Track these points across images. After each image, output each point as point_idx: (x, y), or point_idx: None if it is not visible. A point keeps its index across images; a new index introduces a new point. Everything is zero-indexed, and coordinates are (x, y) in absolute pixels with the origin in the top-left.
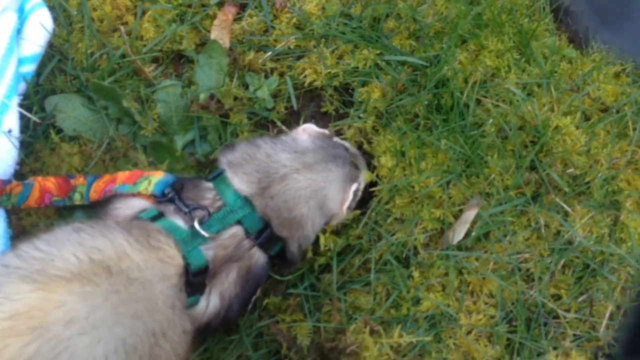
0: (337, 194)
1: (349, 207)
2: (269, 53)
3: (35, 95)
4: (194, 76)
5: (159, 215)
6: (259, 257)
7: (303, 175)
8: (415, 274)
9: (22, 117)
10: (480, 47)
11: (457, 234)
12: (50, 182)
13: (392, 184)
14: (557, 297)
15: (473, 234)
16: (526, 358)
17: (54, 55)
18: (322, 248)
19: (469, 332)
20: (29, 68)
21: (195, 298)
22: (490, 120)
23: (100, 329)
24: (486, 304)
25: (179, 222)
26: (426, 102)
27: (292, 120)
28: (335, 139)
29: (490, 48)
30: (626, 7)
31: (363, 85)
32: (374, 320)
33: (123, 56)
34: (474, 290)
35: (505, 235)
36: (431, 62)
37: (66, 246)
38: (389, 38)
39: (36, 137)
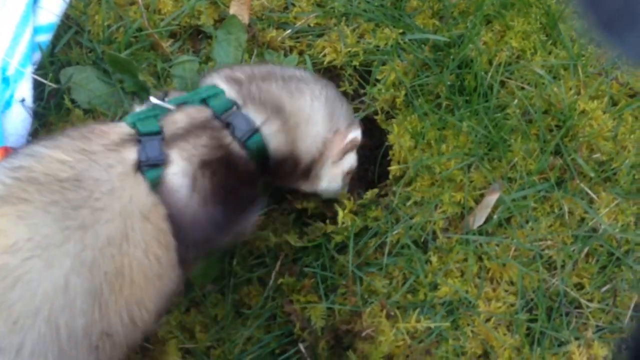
0: (342, 120)
1: (345, 154)
2: (289, 30)
3: (51, 66)
4: (211, 52)
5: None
6: (232, 143)
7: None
8: (434, 258)
9: (35, 87)
10: (505, 28)
11: (478, 218)
12: None
13: (411, 164)
14: (579, 286)
15: (494, 218)
16: (546, 348)
17: (71, 26)
18: (339, 225)
19: (487, 320)
20: (45, 37)
21: (156, 171)
22: (515, 102)
23: (49, 249)
24: (506, 291)
25: (137, 109)
26: (449, 83)
27: None
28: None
29: (517, 29)
30: (632, 16)
31: (383, 65)
32: (390, 305)
33: (140, 30)
34: (493, 277)
35: (527, 221)
36: (455, 43)
37: None
38: (411, 17)
39: (50, 109)
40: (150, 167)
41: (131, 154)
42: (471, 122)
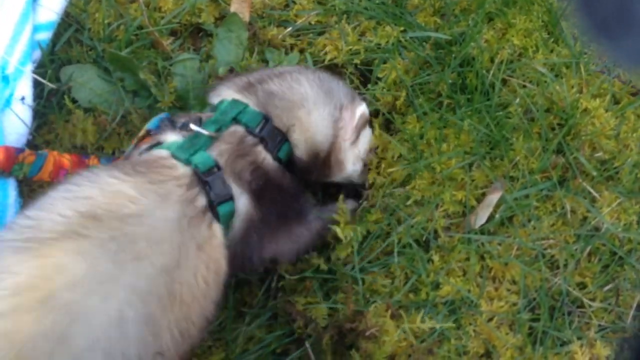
0: (343, 98)
1: (358, 129)
2: (289, 28)
3: (51, 65)
4: (212, 50)
5: (156, 145)
6: (266, 157)
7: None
8: (435, 257)
9: (35, 85)
10: (507, 26)
11: (480, 217)
12: (65, 159)
13: (410, 165)
14: (582, 286)
15: (496, 217)
16: (549, 347)
17: (71, 24)
18: (343, 240)
19: (490, 319)
20: (45, 35)
21: (228, 205)
22: (517, 101)
23: (106, 284)
24: (508, 290)
25: (174, 137)
26: (450, 81)
27: None
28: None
29: (518, 27)
30: (626, 21)
31: (384, 63)
32: (392, 304)
33: (140, 27)
34: (495, 276)
35: (529, 220)
36: (456, 41)
37: (55, 205)
38: (412, 15)
39: (50, 108)
40: (221, 203)
41: (200, 201)
42: (472, 121)
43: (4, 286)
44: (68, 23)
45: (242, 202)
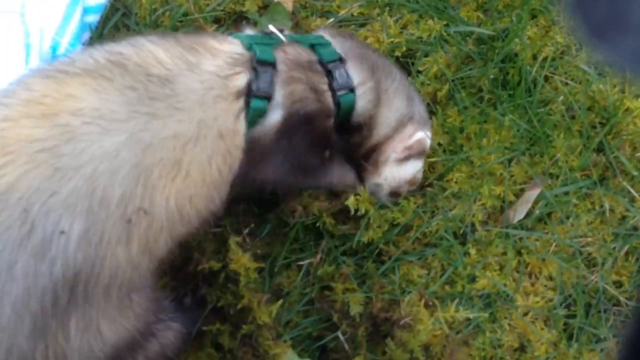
0: (422, 113)
1: (406, 160)
2: (332, 19)
3: None
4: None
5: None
6: (326, 91)
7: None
8: (472, 251)
9: None
10: (551, 23)
11: (518, 213)
12: None
13: (450, 157)
14: (618, 284)
15: (535, 214)
16: (584, 344)
17: (118, 9)
18: (373, 225)
19: (525, 314)
20: (93, 18)
21: (262, 102)
22: (561, 98)
23: (111, 121)
24: (545, 286)
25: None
26: (492, 77)
27: None
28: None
29: (562, 24)
30: (622, 22)
31: (426, 56)
32: (428, 295)
33: (186, 14)
34: (532, 272)
35: (568, 217)
36: (499, 36)
37: (92, 51)
38: (455, 9)
39: None
40: (258, 98)
41: (239, 80)
42: (514, 117)
43: (18, 96)
44: (115, 7)
45: (276, 115)
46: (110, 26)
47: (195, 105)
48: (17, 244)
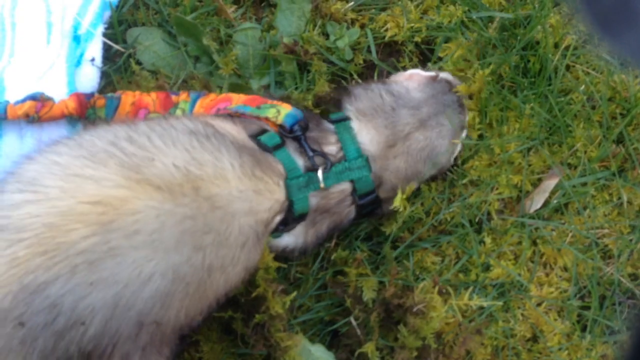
0: (449, 147)
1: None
2: (352, 3)
3: (119, 26)
4: (274, 21)
5: (281, 145)
6: (351, 212)
7: (422, 134)
8: (487, 239)
9: (105, 48)
10: (574, 11)
11: (535, 202)
12: (150, 98)
13: (472, 142)
14: (634, 277)
15: (551, 204)
16: (597, 336)
17: None
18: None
19: (539, 304)
20: None
21: (279, 234)
22: (582, 88)
23: (157, 250)
24: (559, 277)
25: (299, 161)
26: (513, 64)
27: (368, 74)
28: (440, 74)
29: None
30: (628, 14)
31: (446, 42)
32: (441, 282)
33: None
34: (547, 262)
35: (585, 208)
36: (521, 23)
37: (175, 147)
38: None
39: (116, 69)
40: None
41: (274, 224)
42: (535, 105)
43: (87, 190)
44: None
45: (296, 237)
46: (130, 5)
47: (238, 247)
48: (42, 325)
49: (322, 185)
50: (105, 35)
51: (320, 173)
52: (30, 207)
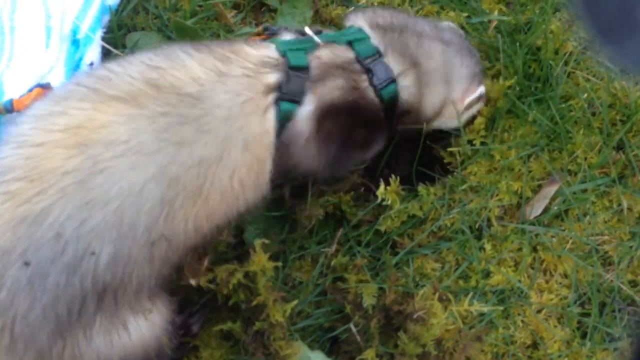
0: (464, 82)
1: (466, 110)
2: (352, 8)
3: (118, 30)
4: (274, 25)
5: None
6: (369, 92)
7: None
8: (487, 246)
9: (104, 52)
10: (574, 18)
11: (535, 209)
12: None
13: (474, 148)
14: (634, 284)
15: (553, 210)
16: (597, 343)
17: None
18: (392, 209)
19: (538, 311)
20: (114, 1)
21: (291, 106)
22: (585, 95)
23: (140, 155)
24: (559, 283)
25: (287, 37)
26: (521, 71)
27: None
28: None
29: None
30: (631, 24)
31: None
32: (441, 289)
33: None
34: (547, 269)
35: (585, 215)
36: (521, 29)
37: (130, 66)
38: (477, 1)
39: None
40: (287, 101)
41: (269, 78)
42: (537, 111)
43: (58, 122)
44: None
45: (306, 110)
46: (130, 9)
47: (221, 123)
48: (51, 260)
49: (316, 38)
50: (104, 39)
51: (307, 28)
52: (12, 151)
